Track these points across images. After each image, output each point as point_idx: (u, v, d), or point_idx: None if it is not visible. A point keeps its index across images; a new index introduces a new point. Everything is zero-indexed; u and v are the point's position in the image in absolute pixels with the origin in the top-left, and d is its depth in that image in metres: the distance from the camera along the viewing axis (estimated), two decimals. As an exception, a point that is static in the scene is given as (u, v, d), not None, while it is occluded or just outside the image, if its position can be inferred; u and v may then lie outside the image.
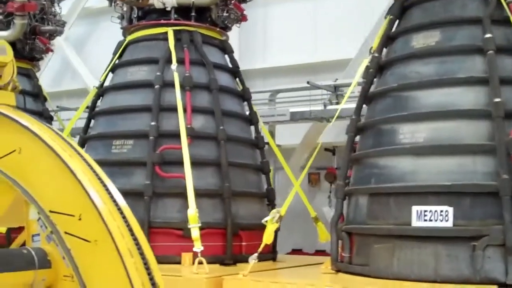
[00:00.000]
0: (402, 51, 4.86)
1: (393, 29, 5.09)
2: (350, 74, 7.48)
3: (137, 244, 2.60)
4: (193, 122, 5.49)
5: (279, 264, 5.86)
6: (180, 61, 5.72)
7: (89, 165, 2.87)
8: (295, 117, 8.31)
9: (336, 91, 8.37)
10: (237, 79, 6.37)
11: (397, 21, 5.10)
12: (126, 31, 6.33)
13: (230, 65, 6.36)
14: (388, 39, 5.06)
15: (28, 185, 2.96)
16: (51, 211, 2.84)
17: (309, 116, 8.19)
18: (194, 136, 5.45)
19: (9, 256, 2.70)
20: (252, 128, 6.39)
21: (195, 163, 5.24)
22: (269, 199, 6.22)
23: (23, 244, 3.21)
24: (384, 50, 5.12)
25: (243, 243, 5.59)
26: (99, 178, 2.82)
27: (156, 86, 5.60)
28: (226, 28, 6.38)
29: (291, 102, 8.84)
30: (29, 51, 7.87)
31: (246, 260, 4.92)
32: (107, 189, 2.78)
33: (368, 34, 8.09)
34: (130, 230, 2.65)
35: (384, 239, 4.41)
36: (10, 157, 3.06)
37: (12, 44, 7.23)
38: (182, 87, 5.54)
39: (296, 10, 9.89)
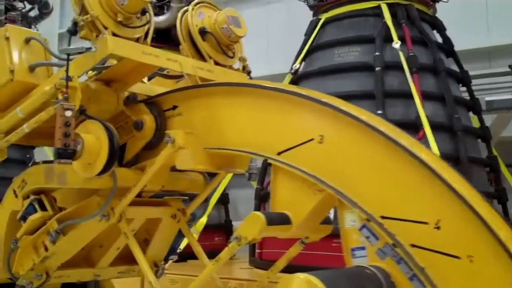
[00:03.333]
0: None
1: None
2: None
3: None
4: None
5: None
6: (399, 40, 5.15)
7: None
8: (491, 107, 7.52)
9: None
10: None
11: None
12: (318, 9, 5.85)
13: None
14: None
15: (338, 183, 2.47)
16: (383, 217, 2.32)
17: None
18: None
19: (360, 278, 2.20)
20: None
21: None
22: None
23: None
24: None
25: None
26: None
27: (377, 69, 5.04)
28: (435, 1, 5.79)
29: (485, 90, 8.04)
30: None
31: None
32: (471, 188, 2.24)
33: None
34: None
35: None
36: (305, 148, 2.59)
37: (167, 31, 7.42)
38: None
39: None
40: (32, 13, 9.94)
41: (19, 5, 9.45)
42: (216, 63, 3.42)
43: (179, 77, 3.48)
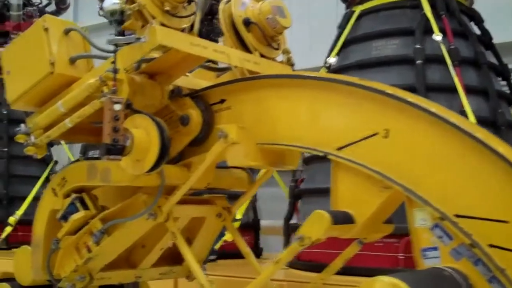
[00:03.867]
0: None
1: None
2: None
3: None
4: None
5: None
6: (439, 32, 5.01)
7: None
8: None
9: None
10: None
11: None
12: (352, 1, 5.71)
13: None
14: None
15: (407, 180, 2.36)
16: (458, 216, 2.21)
17: None
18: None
19: (441, 280, 2.08)
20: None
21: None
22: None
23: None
24: None
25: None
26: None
27: (418, 62, 4.89)
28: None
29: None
30: None
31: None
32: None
33: None
34: None
35: None
36: (369, 143, 2.48)
37: None
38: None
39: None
40: (49, 8, 9.88)
41: (36, 0, 9.38)
42: (261, 55, 3.31)
43: (224, 69, 3.39)
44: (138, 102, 2.88)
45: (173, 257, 3.55)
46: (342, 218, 2.47)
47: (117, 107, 2.59)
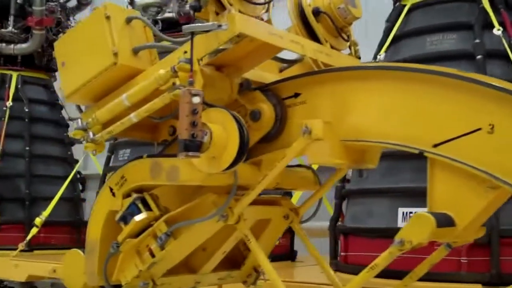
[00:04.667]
0: None
1: None
2: None
3: None
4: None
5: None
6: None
7: None
8: None
9: None
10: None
11: None
12: (403, -6, 5.55)
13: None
14: None
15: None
16: None
17: None
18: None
19: None
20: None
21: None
22: None
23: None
24: None
25: None
26: None
27: (479, 57, 4.72)
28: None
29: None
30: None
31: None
32: None
33: None
34: None
35: None
36: (471, 139, 2.31)
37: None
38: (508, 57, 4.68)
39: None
40: (70, 4, 9.79)
41: (58, -5, 9.28)
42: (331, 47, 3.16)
43: (292, 61, 3.23)
44: (209, 96, 2.70)
45: (231, 261, 3.39)
46: (444, 221, 2.31)
47: (196, 99, 2.42)
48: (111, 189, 3.06)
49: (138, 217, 2.89)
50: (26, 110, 8.54)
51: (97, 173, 8.70)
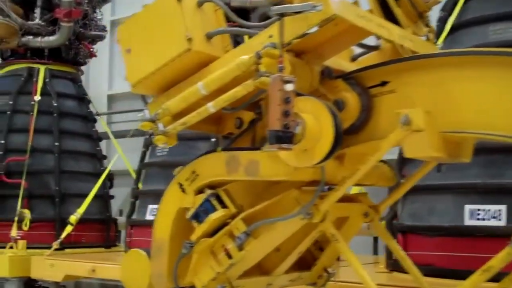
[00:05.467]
0: None
1: None
2: None
3: None
4: None
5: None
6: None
7: None
8: None
9: None
10: None
11: None
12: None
13: None
14: None
15: None
16: None
17: None
18: None
19: None
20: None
21: None
22: None
23: None
24: None
25: None
26: None
27: (541, 44, 4.53)
28: None
29: None
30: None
31: None
32: None
33: None
34: None
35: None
36: None
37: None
38: None
39: None
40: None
41: (85, -14, 9.14)
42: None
43: (374, 48, 3.06)
44: (291, 84, 2.54)
45: (301, 262, 3.23)
46: None
47: (289, 87, 2.26)
48: (180, 185, 2.90)
49: (214, 215, 2.73)
50: (55, 104, 8.39)
51: (120, 169, 8.57)
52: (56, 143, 8.15)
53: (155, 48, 2.81)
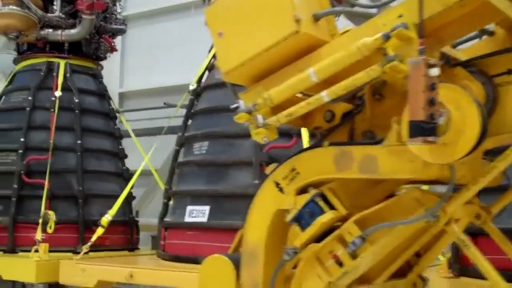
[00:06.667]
0: None
1: None
2: None
3: None
4: None
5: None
6: None
7: None
8: None
9: None
10: None
11: None
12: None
13: None
14: None
15: None
16: None
17: None
18: None
19: None
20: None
21: None
22: None
23: None
24: None
25: None
26: None
27: None
28: None
29: None
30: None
31: None
32: None
33: None
34: None
35: None
36: None
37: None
38: None
39: None
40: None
41: (105, -21, 8.88)
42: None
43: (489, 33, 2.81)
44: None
45: (397, 270, 2.99)
46: None
47: (434, 71, 2.01)
48: (277, 184, 2.65)
49: (323, 217, 2.48)
50: (76, 100, 8.08)
51: (133, 169, 8.27)
52: (79, 141, 7.84)
53: (254, 31, 2.56)
